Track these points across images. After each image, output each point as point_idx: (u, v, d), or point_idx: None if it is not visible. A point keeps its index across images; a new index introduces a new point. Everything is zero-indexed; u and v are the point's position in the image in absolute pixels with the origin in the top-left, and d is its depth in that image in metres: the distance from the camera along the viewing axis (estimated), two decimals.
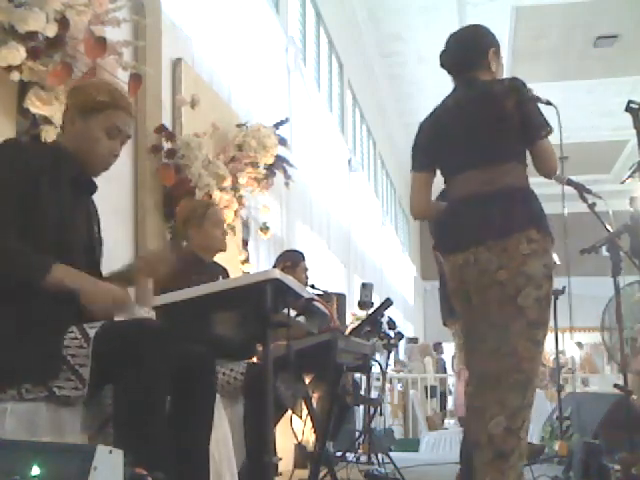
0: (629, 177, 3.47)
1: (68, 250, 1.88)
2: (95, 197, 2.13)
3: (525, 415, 2.26)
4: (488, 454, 2.25)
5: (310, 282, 4.48)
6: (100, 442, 1.47)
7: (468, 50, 2.54)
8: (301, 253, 4.45)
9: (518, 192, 2.35)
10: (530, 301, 2.26)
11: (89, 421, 1.83)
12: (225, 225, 3.34)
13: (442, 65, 2.61)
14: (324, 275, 7.19)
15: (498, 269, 2.30)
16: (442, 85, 2.75)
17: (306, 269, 4.35)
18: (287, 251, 4.68)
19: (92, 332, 1.77)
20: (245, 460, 2.77)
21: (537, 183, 2.46)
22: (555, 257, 2.39)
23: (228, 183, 3.88)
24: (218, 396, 2.15)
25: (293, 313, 2.15)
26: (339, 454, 4.55)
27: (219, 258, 3.29)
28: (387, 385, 7.45)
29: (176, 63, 3.89)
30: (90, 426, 1.83)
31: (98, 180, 2.11)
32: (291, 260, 4.28)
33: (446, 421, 9.45)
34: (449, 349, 11.08)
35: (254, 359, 3.17)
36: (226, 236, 3.28)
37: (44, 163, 1.87)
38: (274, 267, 4.31)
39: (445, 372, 10.33)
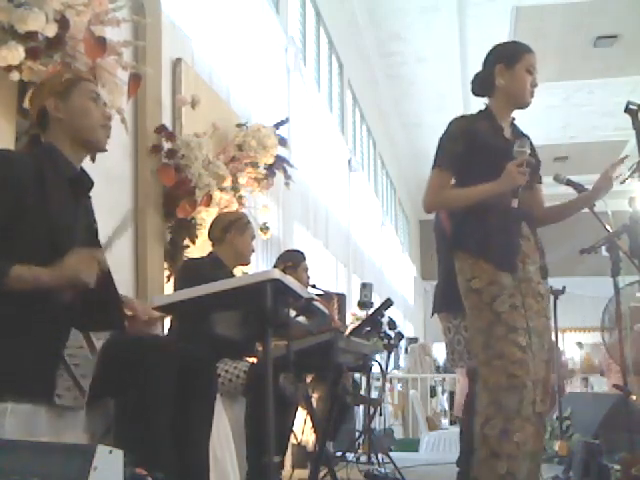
0: (629, 177, 3.47)
1: (67, 253, 1.87)
2: (95, 197, 2.12)
3: (487, 412, 2.40)
4: (483, 453, 2.38)
5: (311, 282, 4.48)
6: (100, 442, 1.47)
7: (479, 76, 2.73)
8: (302, 253, 4.45)
9: (452, 221, 2.71)
10: (467, 310, 2.57)
11: (90, 427, 1.83)
12: None
13: None
14: (324, 275, 7.19)
15: None
16: (442, 85, 2.76)
17: (307, 269, 4.35)
18: (288, 251, 4.68)
19: (99, 343, 1.77)
20: (247, 462, 2.77)
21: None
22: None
23: (228, 183, 3.87)
24: (218, 395, 2.15)
25: (293, 313, 2.15)
26: (339, 454, 4.55)
27: None
28: (387, 385, 7.45)
29: (176, 63, 3.89)
30: (91, 431, 1.83)
31: (98, 180, 2.11)
32: (292, 260, 4.28)
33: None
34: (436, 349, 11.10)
35: (254, 359, 3.17)
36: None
37: (30, 172, 1.84)
38: (275, 267, 4.31)
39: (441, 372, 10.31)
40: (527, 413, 2.40)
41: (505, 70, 2.61)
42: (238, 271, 3.48)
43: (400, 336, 4.79)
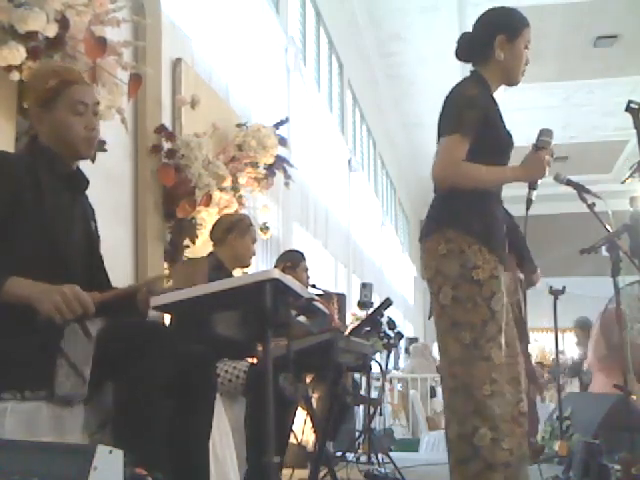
0: (629, 177, 3.47)
1: (65, 252, 1.88)
2: (95, 197, 2.13)
3: (475, 422, 2.22)
4: (451, 459, 2.29)
5: (311, 282, 4.48)
6: (100, 442, 1.48)
7: (471, 39, 2.47)
8: (301, 253, 4.46)
9: (444, 196, 2.35)
10: (448, 300, 2.29)
11: (89, 420, 1.83)
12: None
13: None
14: (323, 275, 7.19)
15: (425, 267, 2.38)
16: (442, 85, 2.74)
17: (307, 269, 4.35)
18: (287, 251, 4.68)
19: (94, 330, 1.77)
20: (247, 462, 2.77)
21: (538, 183, 2.45)
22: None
23: (228, 183, 3.88)
24: (218, 395, 2.15)
25: (293, 313, 2.15)
26: (339, 454, 4.55)
27: None
28: (387, 385, 7.45)
29: (176, 63, 3.89)
30: (90, 425, 1.83)
31: (98, 180, 2.11)
32: (291, 260, 4.29)
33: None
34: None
35: (254, 360, 3.17)
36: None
37: (26, 172, 1.84)
38: (274, 267, 4.31)
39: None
40: (511, 415, 2.27)
41: (506, 43, 2.38)
42: (238, 272, 3.48)
43: (400, 336, 4.79)
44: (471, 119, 2.26)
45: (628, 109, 2.75)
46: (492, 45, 2.39)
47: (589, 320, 6.65)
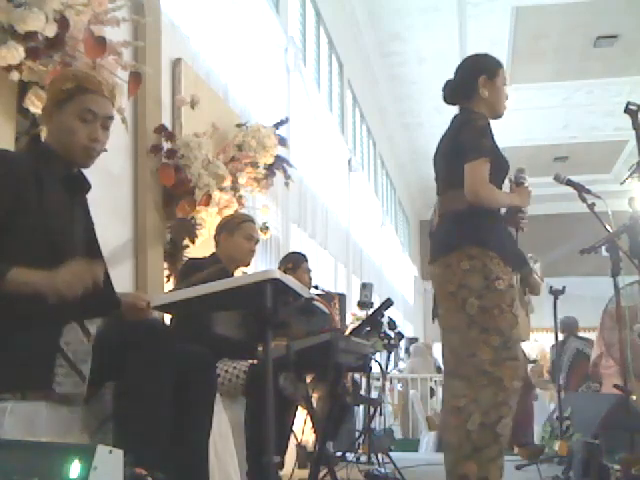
0: (629, 177, 3.47)
1: (66, 252, 1.88)
2: (95, 197, 2.12)
3: (501, 412, 2.47)
4: (466, 449, 2.46)
5: (313, 283, 4.48)
6: (100, 442, 1.47)
7: (455, 84, 2.76)
8: (303, 255, 4.46)
9: (462, 214, 2.57)
10: (475, 310, 2.51)
11: (89, 419, 1.83)
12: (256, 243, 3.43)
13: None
14: (323, 275, 7.19)
15: (447, 282, 2.58)
16: (442, 85, 2.79)
17: (309, 270, 4.35)
18: (289, 253, 4.69)
19: (93, 329, 1.77)
20: (247, 462, 2.77)
21: (538, 183, 2.46)
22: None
23: (228, 183, 3.87)
24: (218, 395, 2.15)
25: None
26: (339, 454, 4.55)
27: None
28: (387, 385, 7.44)
29: (176, 63, 3.89)
30: (90, 425, 1.83)
31: (98, 180, 2.11)
32: (292, 262, 4.29)
33: None
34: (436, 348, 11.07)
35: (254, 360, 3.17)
36: (254, 254, 3.39)
37: (29, 171, 1.85)
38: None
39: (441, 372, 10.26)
40: None
41: (488, 82, 2.68)
42: (238, 271, 3.48)
43: (400, 336, 4.79)
44: (488, 145, 2.52)
45: (627, 110, 2.79)
46: (475, 85, 2.68)
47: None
